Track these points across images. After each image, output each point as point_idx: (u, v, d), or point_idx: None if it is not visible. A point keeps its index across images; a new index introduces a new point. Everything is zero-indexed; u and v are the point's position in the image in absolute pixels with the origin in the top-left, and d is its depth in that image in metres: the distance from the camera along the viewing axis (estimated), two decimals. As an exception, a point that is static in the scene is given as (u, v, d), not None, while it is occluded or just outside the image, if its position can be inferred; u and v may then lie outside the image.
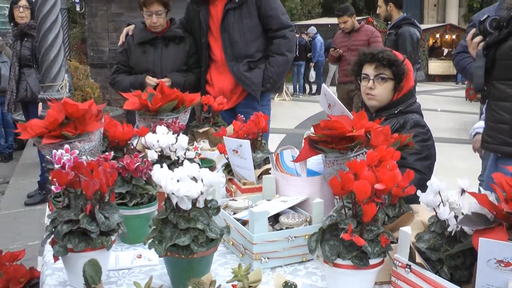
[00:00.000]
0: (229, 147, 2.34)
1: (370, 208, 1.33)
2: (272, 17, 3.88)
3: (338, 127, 1.85)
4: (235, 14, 3.83)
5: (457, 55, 4.24)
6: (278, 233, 1.75)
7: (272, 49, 3.91)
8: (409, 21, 6.09)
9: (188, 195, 1.45)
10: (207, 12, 3.97)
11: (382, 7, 6.30)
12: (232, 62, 3.89)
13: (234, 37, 3.85)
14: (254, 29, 3.87)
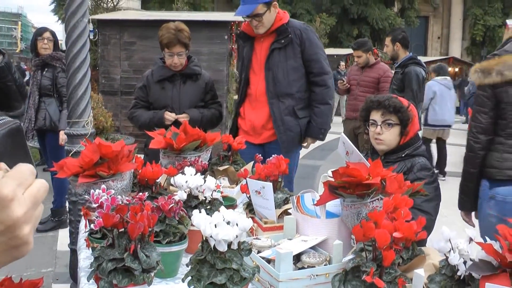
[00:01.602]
0: (252, 188, 2.51)
1: (389, 254, 1.50)
2: (315, 61, 4.14)
3: (356, 174, 2.03)
4: (280, 54, 4.07)
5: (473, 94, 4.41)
6: (301, 272, 1.91)
7: (316, 99, 4.17)
8: (415, 60, 6.27)
9: (225, 238, 1.62)
10: (251, 48, 4.22)
11: (389, 46, 6.47)
12: (273, 99, 4.11)
13: (278, 76, 4.09)
14: (298, 70, 4.12)
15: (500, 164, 3.13)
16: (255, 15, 4.03)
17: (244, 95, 4.33)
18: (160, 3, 26.35)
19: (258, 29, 4.11)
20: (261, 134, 4.22)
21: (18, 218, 0.80)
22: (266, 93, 4.13)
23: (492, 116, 3.14)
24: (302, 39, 4.10)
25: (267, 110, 4.17)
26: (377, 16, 28.71)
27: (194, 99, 4.24)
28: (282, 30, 4.10)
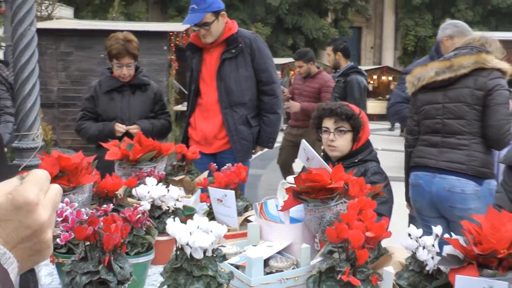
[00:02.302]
0: (214, 196, 2.53)
1: (363, 253, 1.56)
2: (264, 70, 4.20)
3: (319, 179, 2.09)
4: (231, 64, 4.10)
5: (395, 104, 4.63)
6: (272, 276, 1.95)
7: (265, 108, 4.23)
8: (356, 69, 6.43)
9: (201, 246, 1.64)
10: (201, 59, 4.24)
11: (331, 55, 6.60)
12: (227, 109, 4.14)
13: (230, 86, 4.11)
14: (249, 79, 4.17)
15: (414, 154, 3.79)
16: (203, 24, 4.05)
17: (194, 105, 4.34)
18: (94, 12, 25.98)
19: (206, 38, 4.13)
20: (213, 144, 4.24)
21: (44, 222, 0.82)
22: (218, 103, 4.16)
23: (416, 119, 3.79)
24: (252, 48, 4.15)
25: (219, 120, 4.20)
26: (312, 26, 29.25)
27: (144, 110, 4.23)
28: (232, 40, 4.15)
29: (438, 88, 3.58)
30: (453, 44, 4.52)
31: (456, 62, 3.49)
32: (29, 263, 0.84)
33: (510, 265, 1.53)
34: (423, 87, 3.66)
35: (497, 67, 3.34)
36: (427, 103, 3.65)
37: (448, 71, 3.49)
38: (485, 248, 1.53)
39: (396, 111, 4.64)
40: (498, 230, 1.55)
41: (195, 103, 4.32)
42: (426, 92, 3.65)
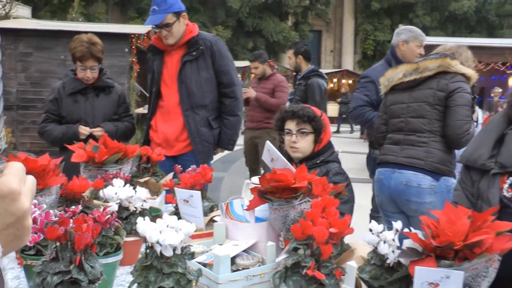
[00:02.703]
0: (180, 197, 2.58)
1: (327, 248, 1.64)
2: (224, 72, 4.25)
3: (283, 179, 2.16)
4: (192, 66, 4.14)
5: (357, 108, 4.76)
6: (239, 273, 2.02)
7: (226, 110, 4.29)
8: (317, 72, 6.54)
9: (171, 243, 1.70)
10: (162, 61, 4.26)
11: (292, 58, 6.69)
12: (188, 111, 4.18)
13: (191, 88, 4.15)
14: (210, 81, 4.22)
15: (379, 152, 4.04)
16: (164, 25, 4.09)
17: (156, 107, 4.37)
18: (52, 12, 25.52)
19: (167, 39, 4.16)
20: (174, 146, 4.27)
21: (27, 209, 0.91)
22: (180, 105, 4.19)
23: (384, 118, 4.00)
24: (213, 51, 4.20)
25: (180, 122, 4.23)
26: (272, 29, 29.43)
27: (108, 112, 4.24)
28: (193, 42, 4.19)
29: (405, 89, 3.77)
30: (408, 48, 4.69)
31: (422, 65, 3.69)
32: (11, 248, 0.92)
33: (465, 256, 1.64)
34: (392, 88, 3.86)
35: (461, 72, 3.51)
36: (395, 103, 3.84)
37: (414, 73, 3.69)
38: (442, 241, 1.63)
39: (358, 115, 4.77)
40: (455, 224, 1.66)
41: (156, 106, 4.34)
42: (395, 93, 3.84)
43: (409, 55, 4.71)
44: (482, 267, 1.64)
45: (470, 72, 3.58)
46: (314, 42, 35.62)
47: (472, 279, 1.65)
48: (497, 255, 1.66)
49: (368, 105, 4.70)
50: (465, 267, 1.60)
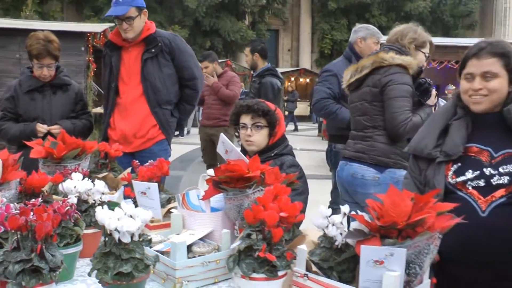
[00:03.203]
0: (138, 189, 2.66)
1: (278, 231, 1.75)
2: (186, 67, 4.33)
3: (237, 169, 2.26)
4: (153, 63, 4.20)
5: (320, 100, 4.89)
6: (195, 260, 2.11)
7: (185, 99, 4.42)
8: (271, 72, 6.70)
9: (129, 230, 1.78)
10: (119, 58, 4.29)
11: (249, 56, 6.83)
12: (156, 108, 4.26)
13: (156, 85, 4.21)
14: (173, 77, 4.30)
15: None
16: (127, 18, 4.12)
17: (114, 105, 4.38)
18: (5, 10, 25.02)
19: (127, 33, 4.18)
20: (132, 143, 4.30)
21: None
22: (147, 103, 4.24)
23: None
24: (171, 48, 4.26)
25: (138, 119, 4.26)
26: (229, 29, 29.49)
27: (65, 110, 4.26)
28: (151, 39, 4.23)
29: (354, 89, 3.91)
30: (366, 45, 4.88)
31: (360, 64, 3.82)
32: None
33: (408, 235, 1.76)
34: (348, 89, 4.00)
35: (395, 63, 3.60)
36: (350, 102, 4.00)
37: (356, 74, 3.82)
38: (386, 221, 1.75)
39: (322, 107, 4.91)
40: (398, 206, 1.78)
41: (114, 103, 4.36)
42: (351, 92, 3.98)
43: (367, 52, 4.90)
44: (424, 244, 1.77)
45: (407, 61, 3.63)
46: (272, 41, 35.84)
47: (415, 256, 1.77)
48: (438, 233, 1.80)
49: (331, 98, 4.86)
50: (408, 244, 1.72)
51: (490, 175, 2.31)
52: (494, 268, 2.31)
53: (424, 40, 3.83)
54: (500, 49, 2.35)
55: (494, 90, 2.33)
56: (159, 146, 4.37)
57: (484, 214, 2.28)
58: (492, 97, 2.34)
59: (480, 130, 2.43)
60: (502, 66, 2.34)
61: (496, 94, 2.34)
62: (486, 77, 2.33)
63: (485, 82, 2.34)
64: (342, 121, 4.81)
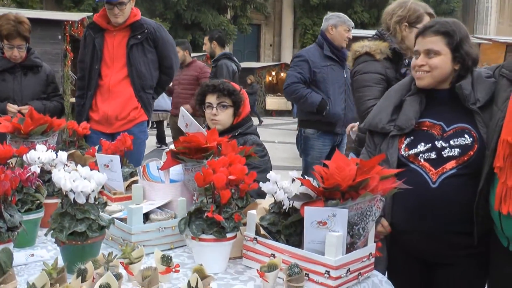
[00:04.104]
0: (101, 162, 2.72)
1: (226, 193, 1.83)
2: (166, 56, 4.49)
3: (194, 140, 2.34)
4: (138, 49, 4.32)
5: (291, 84, 4.99)
6: (151, 225, 2.19)
7: (160, 85, 4.61)
8: (227, 55, 6.92)
9: (84, 190, 1.85)
10: (102, 40, 4.36)
11: (207, 44, 7.08)
12: (141, 93, 4.39)
13: (141, 70, 4.35)
14: (155, 63, 4.45)
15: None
16: (119, 3, 4.20)
17: (96, 87, 4.44)
18: (-17, -2, 24.74)
19: (118, 18, 4.26)
20: (113, 125, 4.39)
21: None
22: (132, 87, 4.36)
23: None
24: (156, 37, 4.38)
25: (121, 101, 4.36)
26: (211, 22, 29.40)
27: (36, 91, 4.31)
28: (138, 25, 4.34)
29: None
30: (337, 32, 4.99)
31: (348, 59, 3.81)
32: None
33: (351, 196, 1.85)
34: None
35: (363, 52, 3.65)
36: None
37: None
38: (330, 183, 1.84)
39: (293, 91, 5.02)
40: (343, 170, 1.87)
41: (96, 85, 4.41)
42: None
43: (338, 39, 5.04)
44: (367, 206, 1.86)
45: (372, 47, 3.52)
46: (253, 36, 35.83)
47: (358, 218, 1.86)
48: (380, 196, 1.88)
49: (301, 82, 4.97)
50: (349, 205, 1.81)
51: (441, 147, 2.41)
52: (445, 239, 2.41)
53: (418, 14, 3.50)
54: (443, 28, 2.45)
55: (435, 66, 2.43)
56: (138, 128, 4.48)
57: (435, 185, 2.37)
58: (433, 73, 2.45)
59: (433, 105, 2.53)
60: (445, 44, 2.43)
61: (437, 71, 2.44)
62: (429, 54, 2.44)
63: (427, 59, 2.44)
64: (312, 105, 4.91)
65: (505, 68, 2.41)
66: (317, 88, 4.99)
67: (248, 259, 2.04)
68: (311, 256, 1.82)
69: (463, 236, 2.40)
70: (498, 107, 2.32)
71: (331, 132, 5.14)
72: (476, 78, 2.46)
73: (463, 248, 2.43)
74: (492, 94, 2.41)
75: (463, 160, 2.37)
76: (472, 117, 2.42)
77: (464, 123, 2.43)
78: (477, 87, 2.44)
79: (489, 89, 2.42)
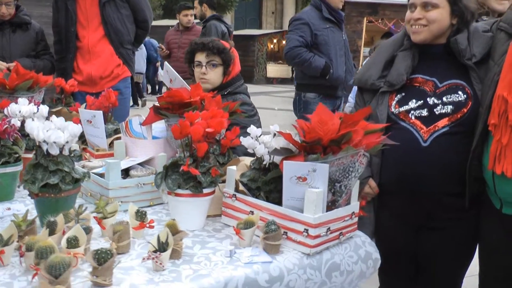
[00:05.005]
0: (84, 118, 2.65)
1: (202, 146, 1.76)
2: (139, 10, 4.41)
3: (177, 96, 2.27)
4: (111, 6, 4.24)
5: (293, 48, 4.87)
6: (129, 181, 2.13)
7: (137, 38, 4.54)
8: (216, 17, 6.85)
9: (56, 141, 1.78)
10: (75, 2, 4.26)
11: (198, 8, 6.99)
12: (120, 49, 4.34)
13: (117, 27, 4.29)
14: (130, 17, 4.38)
15: None
16: None
17: (75, 49, 4.36)
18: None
19: None
20: (98, 84, 4.33)
21: None
22: (111, 44, 4.30)
23: None
24: None
25: (103, 60, 4.29)
26: (213, -12, 29.05)
27: (25, 49, 4.24)
28: None
29: None
30: None
31: None
32: None
33: (333, 151, 1.76)
34: None
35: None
36: None
37: None
38: (311, 137, 1.76)
39: (296, 55, 4.88)
40: (326, 124, 1.79)
41: (76, 47, 4.34)
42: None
43: (334, 0, 4.92)
44: (349, 162, 1.77)
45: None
46: (255, 3, 35.43)
47: (340, 174, 1.78)
48: (364, 151, 1.80)
49: (303, 46, 4.84)
50: (330, 160, 1.73)
51: (433, 104, 2.31)
52: (435, 201, 2.34)
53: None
54: None
55: (433, 20, 2.31)
56: (123, 83, 4.45)
57: (426, 144, 2.29)
58: (431, 27, 2.32)
59: (426, 61, 2.42)
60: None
61: (435, 25, 2.32)
62: (426, 7, 2.31)
63: (424, 12, 2.31)
64: (316, 69, 4.80)
65: (503, 21, 2.29)
66: (319, 52, 4.87)
67: (227, 217, 1.97)
68: (290, 213, 1.75)
69: (454, 197, 2.33)
70: (495, 62, 2.22)
71: (332, 95, 5.03)
72: (473, 32, 2.35)
73: (454, 211, 2.37)
74: (489, 49, 2.29)
75: (456, 117, 2.28)
76: (467, 73, 2.33)
77: (458, 79, 2.34)
78: (473, 42, 2.33)
79: (486, 44, 2.31)
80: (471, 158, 2.24)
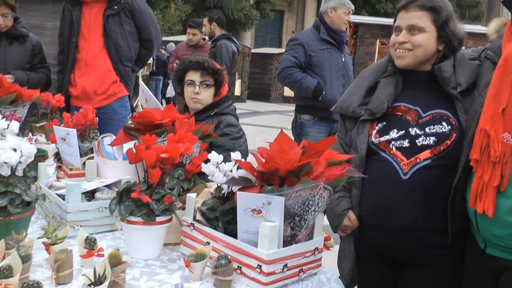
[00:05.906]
0: (58, 135, 2.59)
1: (155, 172, 1.67)
2: (143, 28, 4.30)
3: (149, 116, 2.19)
4: (115, 20, 4.15)
5: (286, 68, 4.81)
6: (90, 204, 2.04)
7: (140, 59, 4.44)
8: (226, 36, 6.74)
9: (7, 161, 1.71)
10: (80, 13, 4.20)
11: (207, 26, 6.87)
12: (118, 65, 4.23)
13: (118, 42, 4.17)
14: (134, 34, 4.27)
15: None
16: None
17: (74, 60, 4.31)
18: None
19: None
20: (93, 100, 4.24)
21: None
22: (109, 59, 4.20)
23: None
24: (133, 7, 4.20)
25: (99, 74, 4.21)
26: (233, 7, 29.14)
27: (21, 61, 4.21)
28: None
29: None
30: (336, 15, 4.79)
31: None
32: None
33: (292, 183, 1.65)
34: None
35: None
36: None
37: None
38: (268, 167, 1.66)
39: (287, 75, 4.84)
40: (286, 153, 1.68)
41: (75, 58, 4.29)
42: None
43: (337, 21, 4.84)
44: (308, 194, 1.65)
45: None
46: (276, 22, 35.44)
47: (299, 208, 1.67)
48: (324, 184, 1.68)
49: (296, 66, 4.79)
50: (286, 192, 1.62)
51: (415, 135, 2.19)
52: (415, 236, 2.22)
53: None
54: (429, 3, 2.20)
55: (418, 44, 2.19)
56: (119, 103, 4.31)
57: (406, 177, 2.17)
58: (416, 52, 2.21)
59: (410, 89, 2.30)
60: (430, 21, 2.20)
61: (420, 50, 2.20)
62: (412, 30, 2.20)
63: (410, 36, 2.20)
64: (307, 90, 4.73)
65: (490, 49, 2.17)
66: (313, 73, 4.80)
67: (185, 246, 1.87)
68: (243, 247, 1.65)
69: (436, 233, 2.20)
70: (479, 92, 2.10)
71: (327, 118, 4.89)
72: (459, 60, 2.23)
73: (436, 247, 2.23)
74: (476, 78, 2.17)
75: (439, 150, 2.16)
76: (452, 103, 2.20)
77: (443, 109, 2.21)
78: (459, 70, 2.20)
79: (472, 72, 2.19)
80: (453, 194, 2.12)
